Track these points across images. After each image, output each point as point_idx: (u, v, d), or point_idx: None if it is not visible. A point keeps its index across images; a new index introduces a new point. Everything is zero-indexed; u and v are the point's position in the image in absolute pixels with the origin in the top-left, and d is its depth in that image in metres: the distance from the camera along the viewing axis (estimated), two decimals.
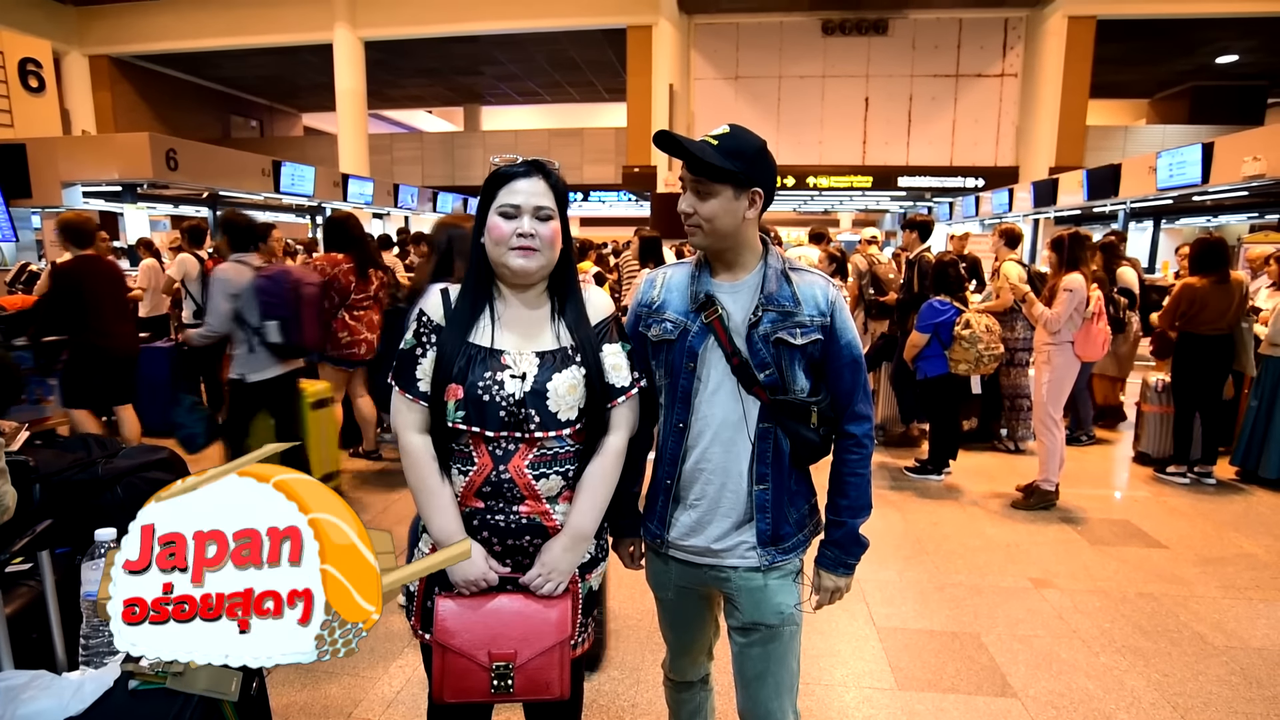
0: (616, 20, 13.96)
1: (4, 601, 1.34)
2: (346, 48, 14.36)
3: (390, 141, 18.80)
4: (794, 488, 1.47)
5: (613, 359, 1.39)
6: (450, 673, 1.29)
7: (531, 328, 1.37)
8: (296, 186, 10.67)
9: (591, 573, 1.45)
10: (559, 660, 1.32)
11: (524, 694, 1.31)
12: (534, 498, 1.34)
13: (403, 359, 1.36)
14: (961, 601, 3.08)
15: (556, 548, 1.35)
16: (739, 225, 1.38)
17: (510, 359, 1.32)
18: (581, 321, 1.39)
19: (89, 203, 8.54)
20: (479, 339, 1.34)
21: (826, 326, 1.42)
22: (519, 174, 1.32)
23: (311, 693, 2.40)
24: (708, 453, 1.43)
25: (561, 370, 1.33)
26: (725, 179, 1.34)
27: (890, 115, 14.44)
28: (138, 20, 14.98)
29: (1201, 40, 14.17)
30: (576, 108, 21.99)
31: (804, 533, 1.50)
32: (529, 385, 1.31)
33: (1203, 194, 8.63)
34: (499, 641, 1.30)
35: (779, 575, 1.48)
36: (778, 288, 1.41)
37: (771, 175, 1.40)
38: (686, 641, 1.65)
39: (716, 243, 1.40)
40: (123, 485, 1.93)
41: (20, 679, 1.14)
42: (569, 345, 1.36)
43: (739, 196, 1.36)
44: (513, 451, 1.33)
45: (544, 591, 1.34)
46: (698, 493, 1.46)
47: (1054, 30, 12.98)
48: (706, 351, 1.42)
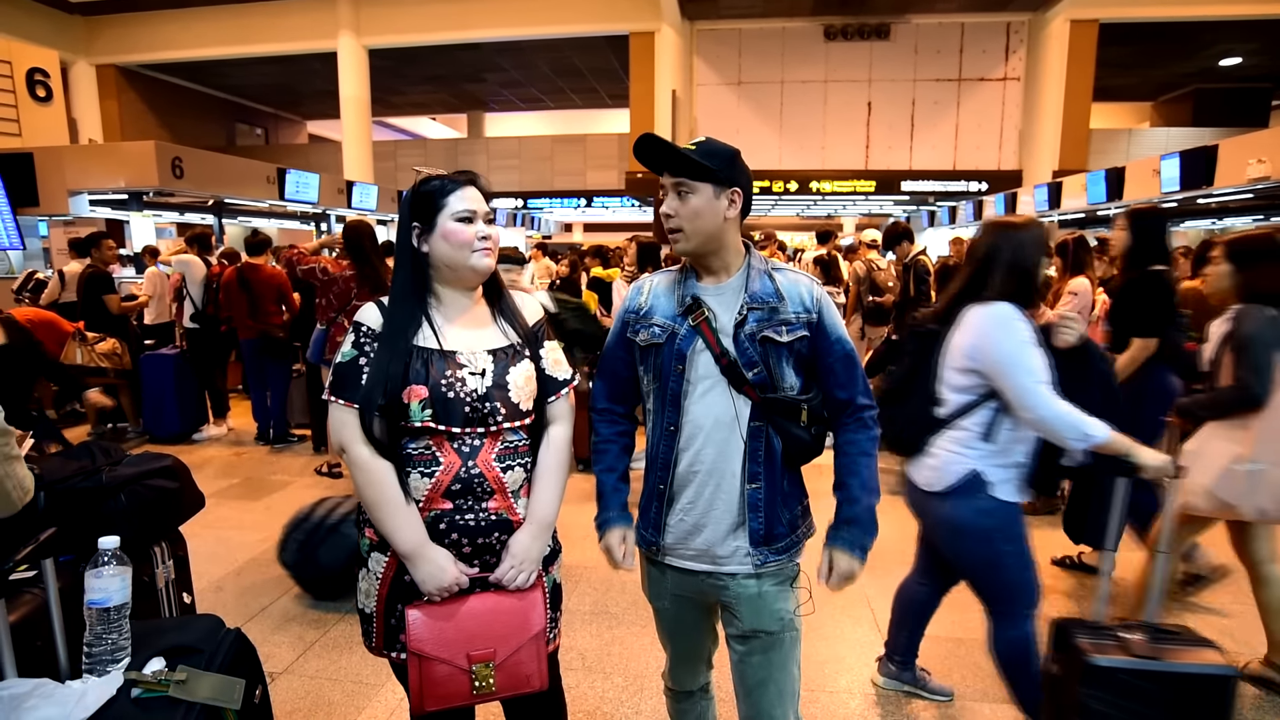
0: (619, 27, 14.00)
1: (8, 609, 1.34)
2: (351, 55, 14.44)
3: (394, 148, 18.86)
4: (787, 489, 1.47)
5: (553, 355, 1.49)
6: (430, 681, 1.30)
7: (477, 328, 1.43)
8: (301, 194, 10.70)
9: (553, 565, 1.50)
10: (536, 653, 1.35)
11: (505, 690, 1.33)
12: (502, 492, 1.38)
13: (343, 371, 1.36)
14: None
15: (524, 537, 1.40)
16: (721, 226, 1.41)
17: (464, 358, 1.37)
18: (519, 320, 1.47)
19: (95, 211, 8.58)
20: (427, 342, 1.37)
21: (814, 323, 1.43)
22: (464, 183, 1.40)
23: (314, 701, 2.40)
24: (700, 454, 1.44)
25: (518, 363, 1.41)
26: (705, 176, 1.37)
27: (893, 120, 14.45)
28: (144, 30, 15.07)
29: (1205, 43, 14.15)
30: (579, 114, 22.06)
31: (797, 534, 1.50)
32: (490, 380, 1.37)
33: (1207, 197, 8.60)
34: (476, 642, 1.32)
35: (776, 581, 1.47)
36: (761, 286, 1.43)
37: (748, 179, 1.44)
38: (685, 650, 1.65)
39: (700, 245, 1.42)
40: (126, 493, 1.94)
41: (23, 687, 1.14)
42: (515, 342, 1.44)
43: (719, 195, 1.39)
44: (479, 447, 1.36)
45: (517, 584, 1.38)
46: (691, 496, 1.46)
47: (1056, 34, 12.98)
48: (695, 354, 1.43)
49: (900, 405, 2.06)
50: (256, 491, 4.56)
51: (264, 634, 2.82)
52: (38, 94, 9.31)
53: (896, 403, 2.08)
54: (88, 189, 8.33)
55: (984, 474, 1.92)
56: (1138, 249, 3.20)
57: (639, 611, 2.95)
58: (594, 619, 2.95)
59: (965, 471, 1.93)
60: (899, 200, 15.47)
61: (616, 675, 2.54)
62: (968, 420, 1.93)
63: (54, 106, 9.57)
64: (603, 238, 19.10)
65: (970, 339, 1.90)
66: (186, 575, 2.28)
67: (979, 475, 1.92)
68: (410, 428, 1.33)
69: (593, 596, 3.14)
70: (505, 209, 17.69)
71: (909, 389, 2.06)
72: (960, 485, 1.93)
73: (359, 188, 12.38)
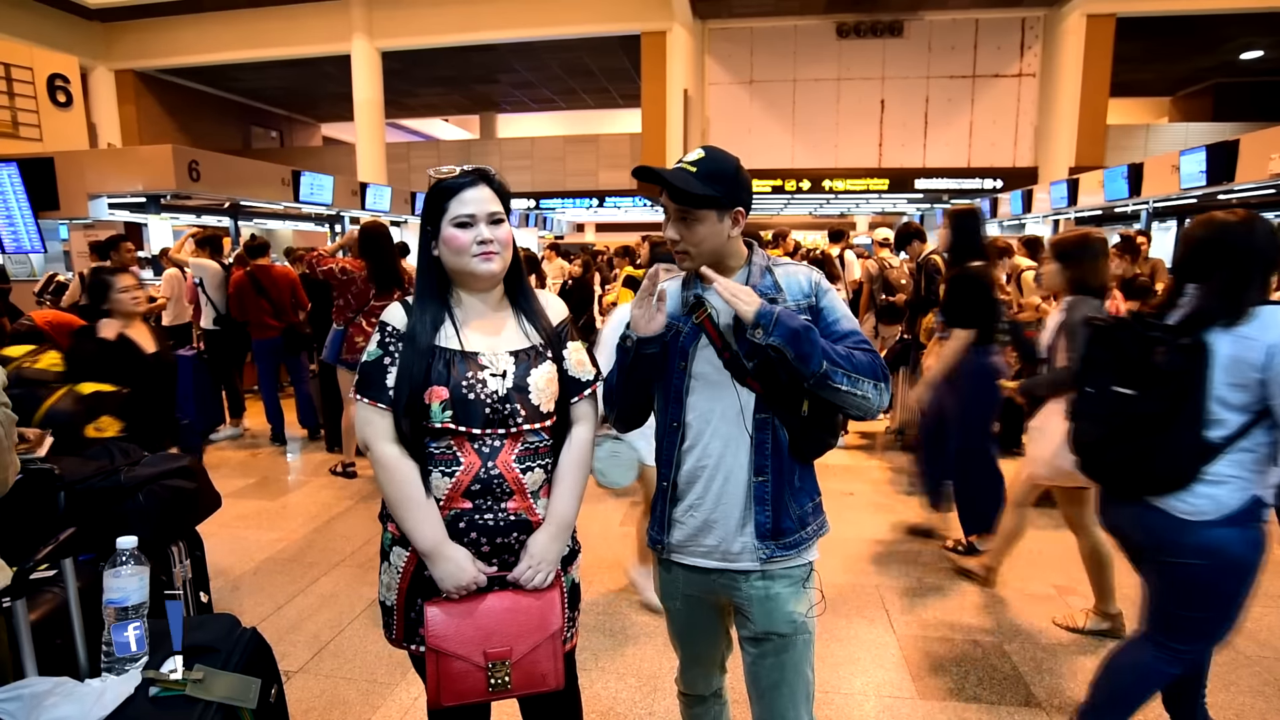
0: (631, 27, 14.01)
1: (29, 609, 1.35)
2: (364, 58, 14.54)
3: (407, 150, 18.97)
4: (797, 484, 1.45)
5: (576, 355, 1.48)
6: (447, 676, 1.31)
7: (498, 330, 1.43)
8: (315, 195, 10.79)
9: (571, 565, 1.50)
10: (553, 652, 1.35)
11: (521, 689, 1.34)
12: (521, 493, 1.38)
13: (369, 370, 1.38)
14: (984, 609, 3.03)
15: (543, 537, 1.40)
16: (724, 243, 1.43)
17: (486, 359, 1.37)
18: (543, 321, 1.46)
19: (114, 214, 8.70)
20: (449, 343, 1.37)
21: (813, 307, 1.43)
22: (465, 184, 1.36)
23: (330, 699, 2.41)
24: (707, 449, 1.44)
25: (539, 365, 1.41)
26: (708, 205, 1.37)
27: (906, 117, 14.34)
28: (161, 35, 15.26)
29: (1224, 36, 13.92)
30: (592, 114, 22.08)
31: (806, 530, 1.47)
32: (510, 382, 1.37)
33: (1228, 193, 8.47)
34: (493, 640, 1.33)
35: (788, 583, 1.46)
36: (761, 281, 1.44)
37: (749, 190, 1.45)
38: (696, 653, 1.64)
39: (706, 262, 1.43)
40: (144, 493, 1.96)
41: (44, 686, 1.15)
42: (538, 343, 1.43)
43: (723, 219, 1.40)
44: (499, 448, 1.36)
45: (534, 584, 1.38)
46: (699, 491, 1.45)
47: (1072, 29, 12.82)
48: (698, 350, 1.44)
49: (1162, 434, 1.76)
50: (272, 491, 4.60)
51: (280, 633, 2.84)
52: (58, 99, 9.44)
53: (1156, 431, 1.77)
54: (107, 192, 8.44)
55: (1264, 500, 1.74)
56: (956, 247, 3.52)
57: (652, 612, 2.94)
58: (607, 619, 2.95)
59: (1248, 498, 1.73)
60: (913, 199, 15.36)
61: (630, 676, 2.54)
62: (1247, 441, 1.72)
63: (74, 111, 9.70)
64: (615, 238, 19.12)
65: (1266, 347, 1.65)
66: (203, 574, 2.30)
67: (1259, 502, 1.74)
68: (431, 428, 1.34)
69: (606, 597, 3.14)
70: (518, 209, 17.74)
71: (1167, 415, 1.75)
72: (1239, 512, 1.73)
73: (373, 189, 12.46)
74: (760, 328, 1.30)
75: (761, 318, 1.31)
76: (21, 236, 7.66)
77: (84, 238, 7.88)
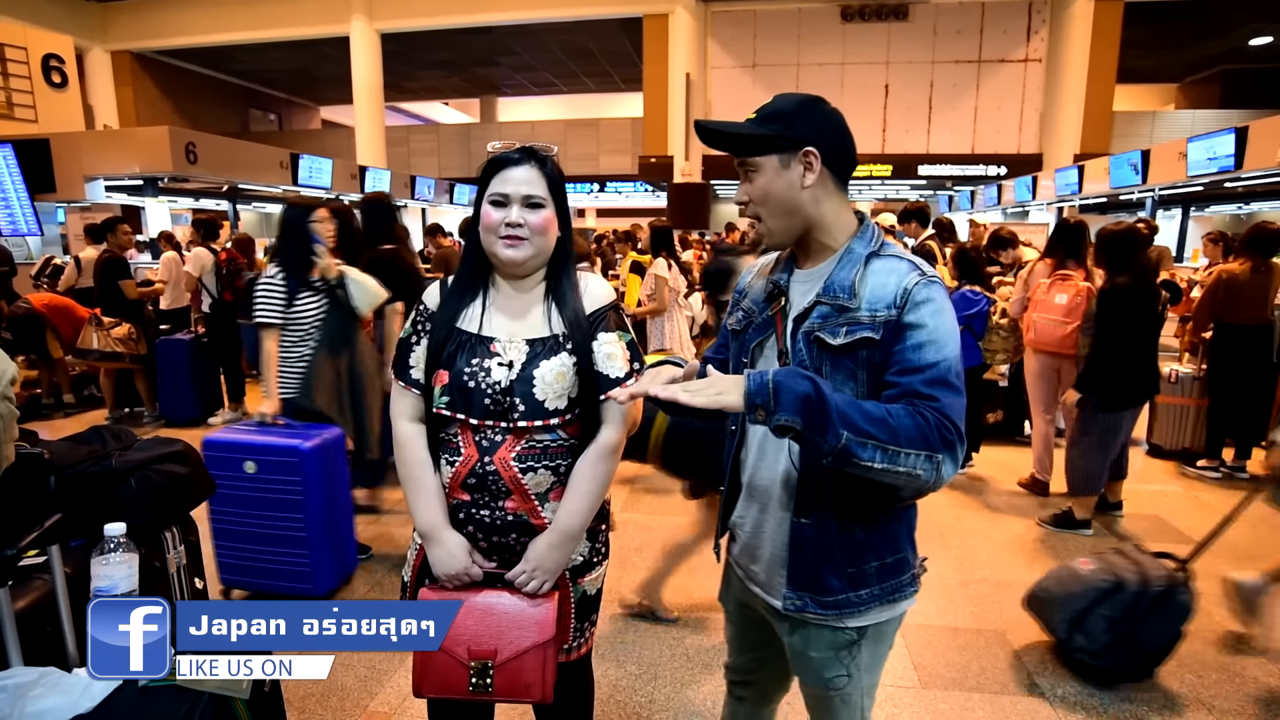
0: (633, 9, 13.86)
1: (16, 596, 1.33)
2: (363, 40, 14.40)
3: (407, 133, 18.84)
4: (859, 536, 1.16)
5: (608, 348, 1.33)
6: (429, 666, 1.27)
7: (523, 315, 1.34)
8: (314, 179, 10.73)
9: (585, 577, 1.41)
10: (541, 662, 1.28)
11: (504, 694, 1.28)
12: (520, 494, 1.31)
13: (400, 348, 1.38)
14: (986, 598, 3.01)
15: (542, 544, 1.32)
16: (799, 198, 1.15)
17: (500, 346, 1.31)
18: (575, 308, 1.33)
19: (111, 197, 8.63)
20: (469, 325, 1.33)
21: (890, 323, 1.09)
22: (512, 161, 1.29)
23: (328, 684, 2.39)
24: (758, 469, 1.25)
25: (550, 357, 1.29)
26: (764, 148, 1.14)
27: (910, 103, 14.22)
28: (159, 16, 15.11)
29: (1233, 22, 13.77)
30: (592, 98, 21.91)
31: (861, 593, 1.17)
32: (514, 373, 1.28)
33: (1235, 180, 8.40)
34: (479, 638, 1.28)
35: (824, 647, 1.21)
36: (844, 275, 1.14)
37: (829, 127, 1.16)
38: (744, 665, 1.48)
39: (785, 229, 1.18)
40: (136, 478, 1.92)
41: (28, 676, 1.12)
42: (560, 332, 1.31)
43: (787, 164, 1.14)
44: (499, 443, 1.29)
45: (529, 589, 1.31)
46: (741, 510, 1.30)
47: (1080, 13, 12.68)
48: (764, 348, 1.24)
49: None
50: None
51: None
52: (53, 80, 9.35)
53: None
54: (103, 175, 8.38)
55: None
56: (369, 230, 3.65)
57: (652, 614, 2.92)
58: (606, 605, 2.93)
59: None
60: (916, 184, 15.26)
61: (630, 663, 2.52)
62: None
63: (69, 93, 9.61)
64: (617, 223, 19.02)
65: None
66: (198, 561, 2.28)
67: None
68: (439, 414, 1.31)
69: (606, 583, 3.11)
70: None
71: None
72: None
73: (372, 173, 12.39)
74: (760, 409, 0.99)
75: (754, 395, 0.99)
76: (18, 219, 7.61)
77: (80, 221, 7.83)
